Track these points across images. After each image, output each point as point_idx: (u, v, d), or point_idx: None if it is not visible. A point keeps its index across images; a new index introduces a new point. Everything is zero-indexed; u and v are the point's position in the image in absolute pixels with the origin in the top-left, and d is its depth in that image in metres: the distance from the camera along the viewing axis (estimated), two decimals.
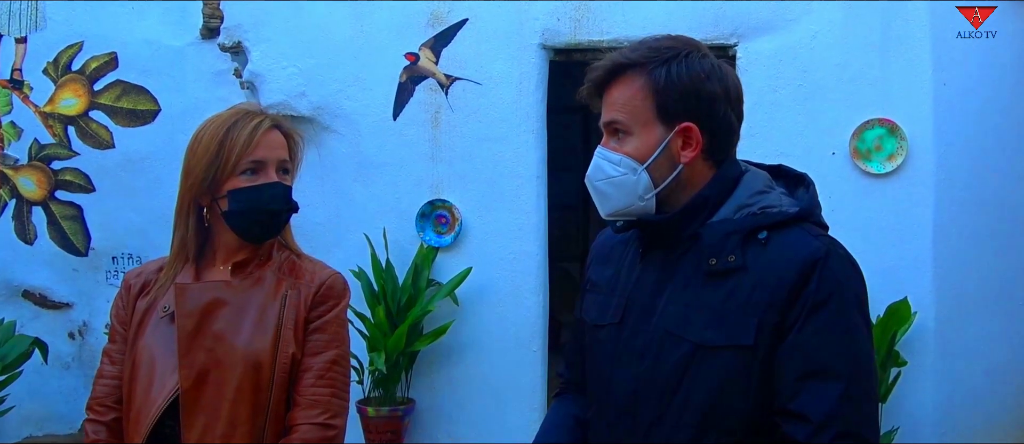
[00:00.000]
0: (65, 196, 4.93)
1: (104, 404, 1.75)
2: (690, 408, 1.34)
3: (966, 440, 3.99)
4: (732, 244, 1.36)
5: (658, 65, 1.39)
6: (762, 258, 1.34)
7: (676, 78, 1.39)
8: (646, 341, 1.40)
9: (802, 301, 1.30)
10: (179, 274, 1.75)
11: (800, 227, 1.37)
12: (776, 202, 1.40)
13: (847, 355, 1.29)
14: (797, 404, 1.28)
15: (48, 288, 4.94)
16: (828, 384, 1.26)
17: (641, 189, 1.41)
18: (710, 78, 1.40)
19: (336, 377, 1.72)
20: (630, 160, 1.41)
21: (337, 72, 4.44)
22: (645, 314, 1.42)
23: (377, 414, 4.20)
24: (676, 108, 1.39)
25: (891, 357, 3.76)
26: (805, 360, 1.28)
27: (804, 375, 1.28)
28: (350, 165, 4.45)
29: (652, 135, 1.41)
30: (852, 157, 4.00)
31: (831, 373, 1.27)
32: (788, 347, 1.30)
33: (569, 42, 4.27)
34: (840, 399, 1.26)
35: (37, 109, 4.91)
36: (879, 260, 3.91)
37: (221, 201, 1.70)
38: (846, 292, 1.32)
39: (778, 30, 4.08)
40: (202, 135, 1.72)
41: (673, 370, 1.36)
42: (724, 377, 1.32)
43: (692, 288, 1.38)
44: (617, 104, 1.42)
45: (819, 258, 1.32)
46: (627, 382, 1.41)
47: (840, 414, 1.26)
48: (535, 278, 4.33)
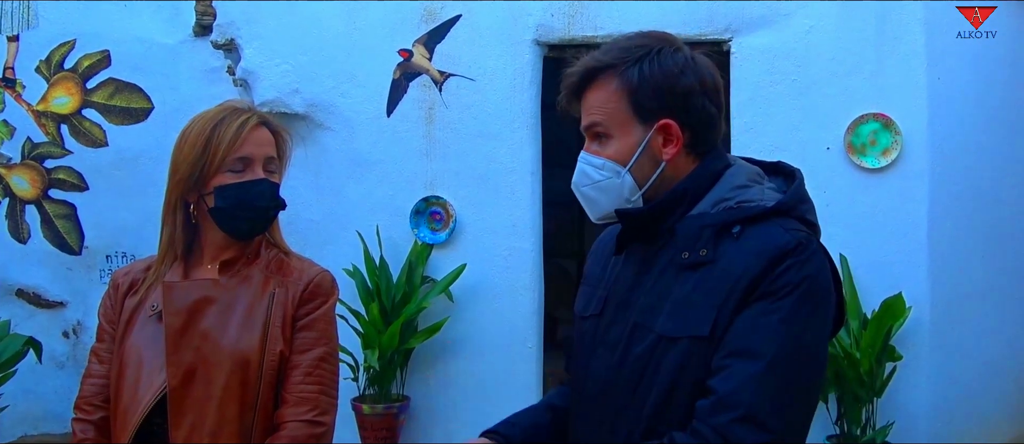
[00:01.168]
0: (58, 195, 4.92)
1: (92, 403, 1.74)
2: (650, 400, 1.34)
3: (961, 434, 3.99)
4: (705, 238, 1.35)
5: (630, 65, 1.39)
6: (731, 251, 1.33)
7: (649, 76, 1.38)
8: (619, 332, 1.41)
9: (757, 292, 1.28)
10: (167, 272, 1.74)
11: (776, 221, 1.35)
12: (756, 196, 1.39)
13: (778, 341, 1.25)
14: (714, 379, 1.26)
15: (42, 287, 4.92)
16: (746, 363, 1.24)
17: (626, 191, 1.41)
18: (684, 72, 1.38)
19: (324, 374, 1.71)
20: (612, 163, 1.41)
21: (330, 69, 4.43)
22: (621, 307, 1.43)
23: (372, 412, 4.19)
24: (652, 106, 1.38)
25: (886, 352, 3.76)
26: (734, 339, 1.27)
27: (729, 354, 1.26)
28: (344, 162, 4.44)
29: (631, 136, 1.40)
30: (847, 152, 3.99)
31: (753, 354, 1.24)
32: (727, 328, 1.28)
33: (563, 38, 4.26)
34: (752, 379, 1.23)
35: (30, 107, 4.90)
36: (874, 255, 3.92)
37: (208, 198, 1.69)
38: (808, 285, 1.29)
39: (773, 25, 4.08)
40: (189, 132, 1.72)
41: (637, 361, 1.36)
42: (678, 368, 1.31)
43: (664, 281, 1.38)
44: (594, 108, 1.42)
45: (787, 250, 1.29)
46: (600, 372, 1.42)
47: (747, 395, 1.22)
48: (530, 274, 4.33)
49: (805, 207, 1.41)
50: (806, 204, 1.41)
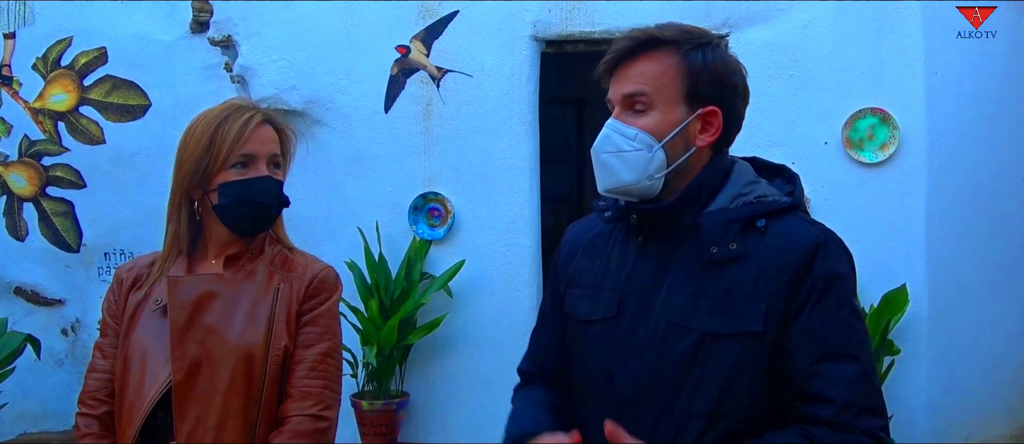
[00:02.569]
0: (56, 192, 4.91)
1: (96, 398, 1.75)
2: (700, 398, 1.35)
3: (959, 428, 4.01)
4: (733, 232, 1.37)
5: (694, 47, 1.41)
6: (762, 245, 1.36)
7: (711, 63, 1.41)
8: (648, 334, 1.39)
9: (807, 286, 1.33)
10: (171, 268, 1.75)
11: (794, 216, 1.41)
12: (767, 192, 1.43)
13: (856, 337, 1.34)
14: (817, 387, 1.31)
15: (40, 285, 4.92)
16: (845, 366, 1.31)
17: (653, 167, 1.40)
18: (736, 72, 1.45)
19: (328, 369, 1.72)
20: (647, 135, 1.40)
21: (328, 65, 4.42)
22: (644, 307, 1.41)
23: (371, 408, 4.20)
24: (706, 92, 1.41)
25: (885, 346, 3.78)
26: (820, 344, 1.32)
27: (821, 358, 1.31)
28: (342, 158, 4.44)
29: (674, 114, 1.41)
30: (844, 146, 4.00)
31: (846, 355, 1.32)
32: (799, 332, 1.33)
33: (560, 34, 4.26)
34: (858, 378, 1.31)
35: (27, 105, 4.89)
36: (872, 249, 3.93)
37: (212, 195, 1.70)
38: (846, 277, 1.37)
39: (770, 20, 4.08)
40: (194, 129, 1.73)
41: (680, 361, 1.36)
42: (733, 365, 1.34)
43: (694, 278, 1.38)
44: (644, 77, 1.41)
45: (820, 244, 1.36)
46: (630, 375, 1.40)
47: (860, 392, 1.31)
48: (528, 270, 4.33)
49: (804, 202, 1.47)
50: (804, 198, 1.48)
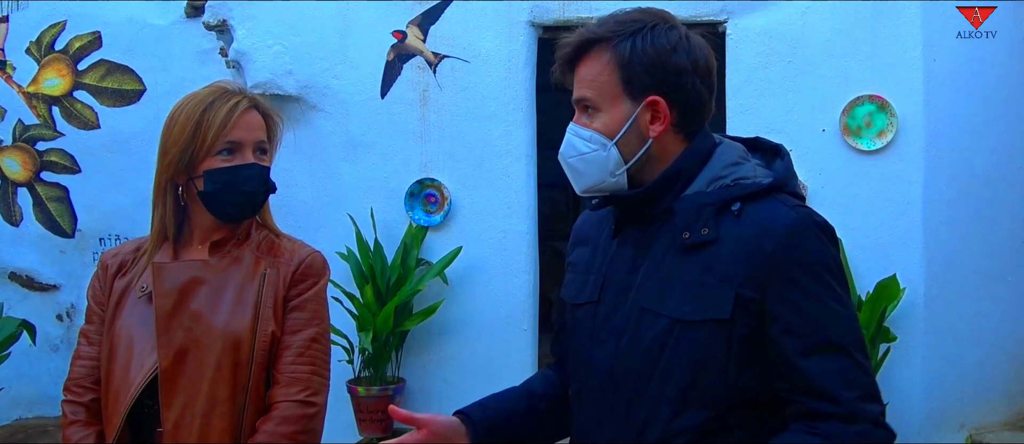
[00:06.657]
0: (51, 177, 4.90)
1: (82, 385, 1.74)
2: (669, 384, 1.33)
3: (955, 415, 4.01)
4: (705, 217, 1.34)
5: (623, 38, 1.38)
6: (735, 230, 1.33)
7: (641, 51, 1.37)
8: (623, 318, 1.39)
9: (782, 273, 1.30)
10: (157, 254, 1.73)
11: (774, 198, 1.36)
12: (750, 173, 1.39)
13: (840, 323, 1.30)
14: (810, 381, 1.28)
15: (35, 270, 4.91)
16: (836, 357, 1.29)
17: (611, 165, 1.40)
18: (677, 51, 1.37)
19: (316, 354, 1.71)
20: (599, 136, 1.40)
21: (324, 50, 4.39)
22: (622, 291, 1.41)
23: (367, 394, 4.19)
24: (642, 82, 1.38)
25: (880, 333, 3.77)
26: (804, 337, 1.29)
27: (807, 351, 1.29)
28: (338, 144, 4.42)
29: (620, 110, 1.39)
30: (842, 134, 3.98)
31: (834, 345, 1.29)
32: (781, 325, 1.29)
33: (558, 19, 4.23)
34: (850, 368, 1.29)
35: (21, 89, 4.87)
36: (869, 236, 3.92)
37: (197, 181, 1.68)
38: (825, 260, 1.32)
39: (768, 7, 4.05)
40: (179, 114, 1.70)
41: (650, 347, 1.35)
42: (702, 352, 1.32)
43: (667, 263, 1.37)
44: (585, 80, 1.41)
45: (794, 228, 1.31)
46: (605, 360, 1.41)
47: (855, 381, 1.28)
48: (525, 257, 4.32)
49: (794, 182, 1.42)
50: (795, 179, 1.43)
